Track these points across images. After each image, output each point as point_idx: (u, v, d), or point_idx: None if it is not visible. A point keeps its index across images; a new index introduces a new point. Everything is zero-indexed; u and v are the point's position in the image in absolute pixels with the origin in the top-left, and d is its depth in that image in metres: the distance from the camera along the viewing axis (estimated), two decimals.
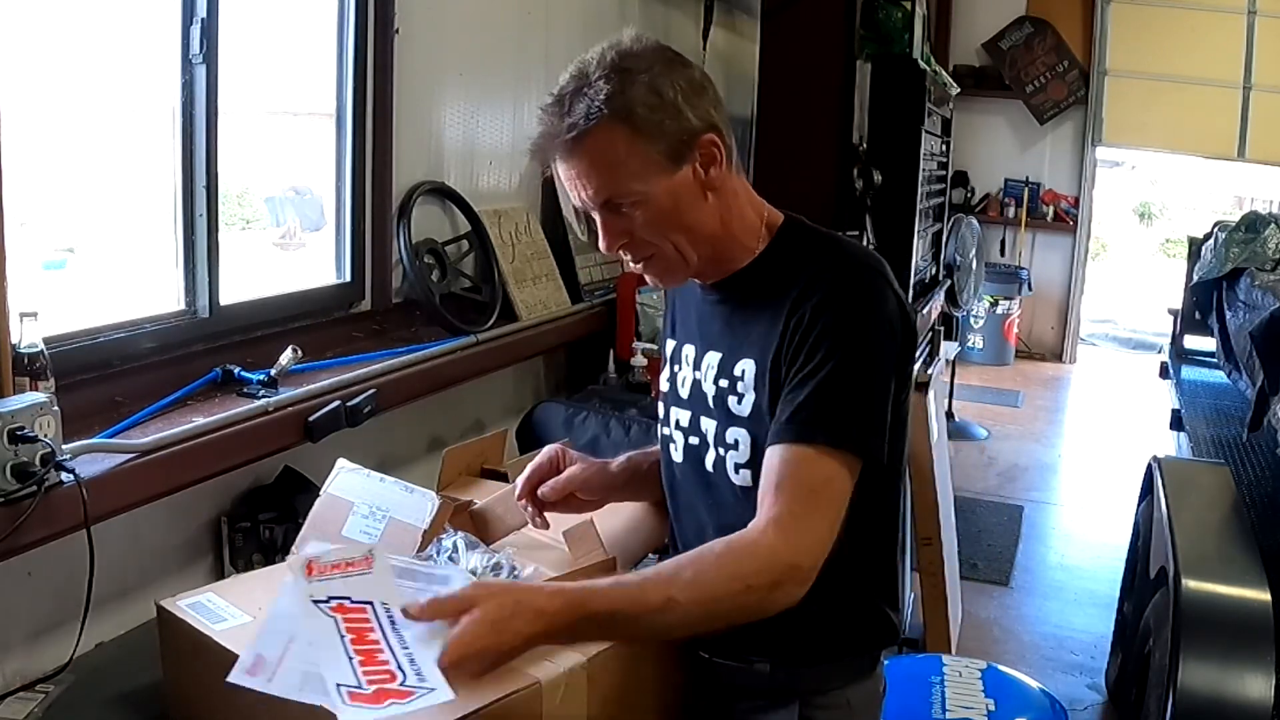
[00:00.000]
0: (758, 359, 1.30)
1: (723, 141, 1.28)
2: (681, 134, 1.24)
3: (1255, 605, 2.23)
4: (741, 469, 1.32)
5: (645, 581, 1.16)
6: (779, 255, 1.34)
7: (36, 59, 1.78)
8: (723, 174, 1.28)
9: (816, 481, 1.21)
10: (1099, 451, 5.89)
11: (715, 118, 1.27)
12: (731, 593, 1.16)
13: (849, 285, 1.27)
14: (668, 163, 1.25)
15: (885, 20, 4.37)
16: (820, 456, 1.21)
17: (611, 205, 1.27)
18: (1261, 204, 8.07)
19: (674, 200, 1.26)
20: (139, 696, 1.46)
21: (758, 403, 1.29)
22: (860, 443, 1.22)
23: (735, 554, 1.18)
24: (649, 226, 1.28)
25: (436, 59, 2.60)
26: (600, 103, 1.21)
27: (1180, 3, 7.26)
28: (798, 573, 1.18)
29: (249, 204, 2.50)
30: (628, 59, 1.24)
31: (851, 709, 1.39)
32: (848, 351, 1.23)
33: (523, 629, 1.08)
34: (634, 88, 1.22)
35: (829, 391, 1.22)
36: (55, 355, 1.58)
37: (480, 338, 2.53)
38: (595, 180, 1.25)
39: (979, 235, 5.83)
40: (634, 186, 1.25)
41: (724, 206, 1.31)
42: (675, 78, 1.24)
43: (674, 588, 1.14)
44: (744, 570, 1.17)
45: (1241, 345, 3.60)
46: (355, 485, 1.36)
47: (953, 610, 3.18)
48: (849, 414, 1.22)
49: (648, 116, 1.22)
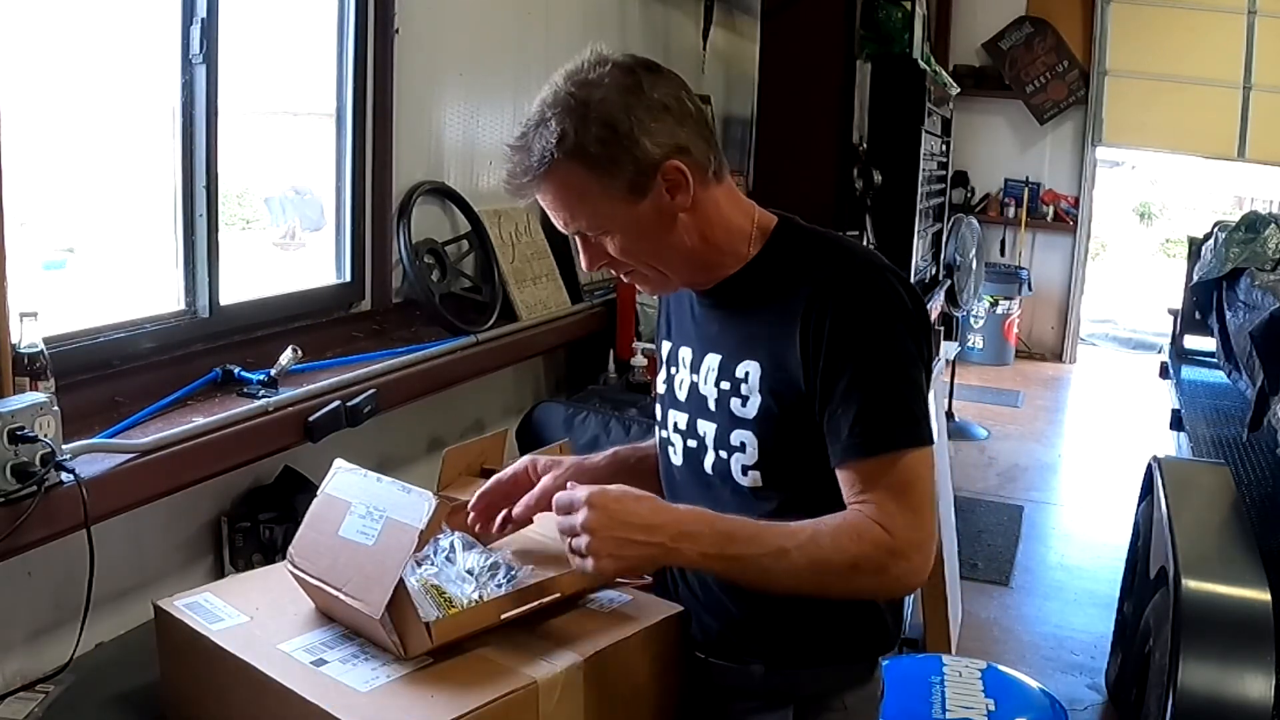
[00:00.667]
0: (764, 362, 1.30)
1: (691, 163, 1.26)
2: (640, 165, 1.23)
3: (1255, 605, 2.23)
4: (750, 470, 1.32)
5: (765, 528, 1.23)
6: (775, 258, 1.33)
7: (36, 59, 1.77)
8: (694, 194, 1.27)
9: (900, 482, 1.23)
10: (1099, 451, 5.89)
11: (681, 137, 1.25)
12: (838, 568, 1.22)
13: (860, 291, 1.27)
14: (630, 195, 1.25)
15: (885, 20, 4.38)
16: (895, 460, 1.23)
17: (583, 234, 1.30)
18: (1261, 204, 8.07)
19: (641, 228, 1.28)
20: (139, 696, 1.46)
21: (765, 405, 1.29)
22: (922, 433, 1.25)
23: (848, 532, 1.22)
24: (623, 252, 1.30)
25: (436, 59, 2.60)
26: (553, 145, 1.22)
27: (1180, 3, 7.26)
28: (905, 562, 1.22)
29: (249, 204, 2.50)
30: (583, 90, 1.23)
31: (847, 711, 1.39)
32: (878, 357, 1.24)
33: (646, 515, 1.20)
34: (586, 125, 1.21)
35: (879, 399, 1.24)
36: (55, 355, 1.57)
37: (480, 338, 2.53)
38: (563, 213, 1.29)
39: (979, 235, 5.83)
40: (600, 220, 1.27)
41: (701, 221, 1.30)
42: (632, 106, 1.23)
43: (791, 541, 1.21)
44: (853, 550, 1.21)
45: (1241, 345, 3.60)
46: (352, 485, 1.35)
47: (953, 610, 3.18)
48: (899, 415, 1.24)
49: (601, 153, 1.22)
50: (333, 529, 1.32)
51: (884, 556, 1.22)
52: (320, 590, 1.31)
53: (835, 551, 1.21)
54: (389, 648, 1.25)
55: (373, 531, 1.27)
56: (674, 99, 1.27)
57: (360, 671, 1.22)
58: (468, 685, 1.20)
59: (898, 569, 1.23)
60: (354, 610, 1.25)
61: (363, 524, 1.29)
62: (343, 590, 1.26)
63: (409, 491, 1.29)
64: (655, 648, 1.37)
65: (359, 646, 1.27)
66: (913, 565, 1.23)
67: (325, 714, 1.14)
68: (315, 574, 1.31)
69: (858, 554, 1.22)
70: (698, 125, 1.28)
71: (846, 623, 1.36)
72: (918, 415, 1.25)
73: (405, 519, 1.25)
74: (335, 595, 1.27)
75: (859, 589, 1.28)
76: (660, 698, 1.39)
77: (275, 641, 1.28)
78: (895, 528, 1.22)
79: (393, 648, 1.24)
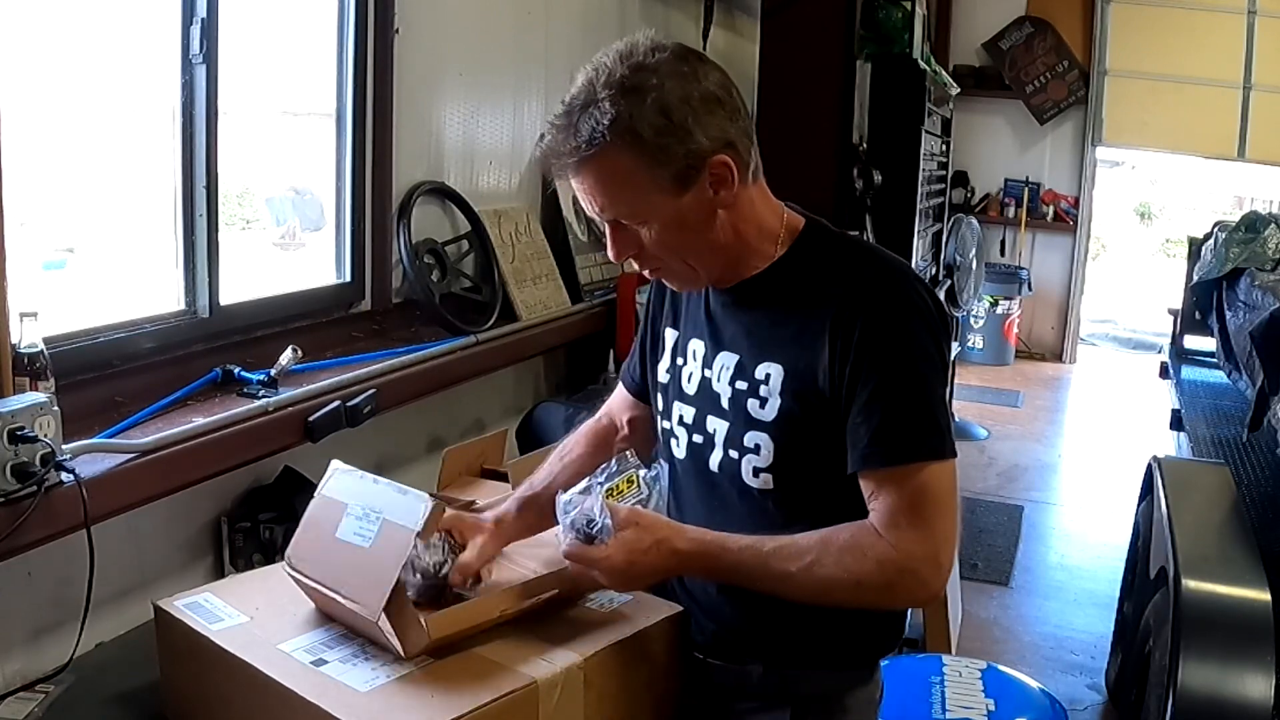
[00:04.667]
0: (787, 365, 1.29)
1: (737, 158, 1.24)
2: (690, 157, 1.21)
3: (1255, 605, 2.23)
4: (762, 473, 1.31)
5: (774, 552, 1.24)
6: (802, 260, 1.32)
7: (37, 59, 1.77)
8: (736, 190, 1.25)
9: (916, 494, 1.22)
10: (1099, 451, 5.89)
11: (730, 132, 1.23)
12: (844, 585, 1.23)
13: (895, 299, 1.26)
14: (675, 186, 1.22)
15: (885, 20, 4.38)
16: (914, 472, 1.22)
17: (619, 222, 1.27)
18: (1261, 204, 8.07)
19: (682, 222, 1.25)
20: (139, 697, 1.46)
21: (786, 408, 1.28)
22: (943, 446, 1.24)
23: (853, 550, 1.22)
24: (657, 245, 1.27)
25: (436, 59, 2.60)
26: (605, 126, 1.18)
27: (1180, 3, 7.25)
28: (914, 575, 1.22)
29: (249, 204, 2.50)
30: (639, 74, 1.19)
31: (845, 713, 1.39)
32: (905, 365, 1.24)
33: (657, 563, 1.25)
34: (641, 110, 1.18)
35: (902, 409, 1.23)
36: (55, 355, 1.57)
37: (480, 338, 2.53)
38: (601, 199, 1.25)
39: (979, 235, 5.82)
40: (640, 209, 1.24)
41: (738, 218, 1.28)
42: (688, 93, 1.20)
43: (796, 564, 1.23)
44: (858, 569, 1.22)
45: (1241, 345, 3.59)
46: (349, 487, 1.35)
47: (953, 610, 3.17)
48: (923, 424, 1.24)
49: (654, 140, 1.19)
50: (330, 531, 1.32)
51: (890, 574, 1.21)
52: (318, 592, 1.31)
53: (839, 570, 1.22)
54: (388, 648, 1.25)
55: (369, 533, 1.27)
56: (725, 91, 1.24)
57: (360, 671, 1.22)
58: (468, 685, 1.20)
59: (904, 585, 1.22)
60: (353, 612, 1.25)
61: (359, 526, 1.29)
62: (340, 592, 1.26)
63: (405, 493, 1.29)
64: (655, 648, 1.37)
65: (359, 646, 1.27)
66: (921, 579, 1.22)
67: (325, 714, 1.14)
68: (313, 576, 1.31)
69: (861, 572, 1.21)
70: (745, 121, 1.27)
71: (846, 626, 1.35)
72: (941, 427, 1.24)
73: (402, 521, 1.25)
74: (333, 597, 1.27)
75: (869, 603, 1.28)
76: (659, 698, 1.39)
77: (275, 641, 1.28)
78: (902, 542, 1.21)
79: (392, 648, 1.24)
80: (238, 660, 1.24)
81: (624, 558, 1.23)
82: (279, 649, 1.26)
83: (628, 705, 1.34)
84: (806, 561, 1.22)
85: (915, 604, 1.24)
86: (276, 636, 1.29)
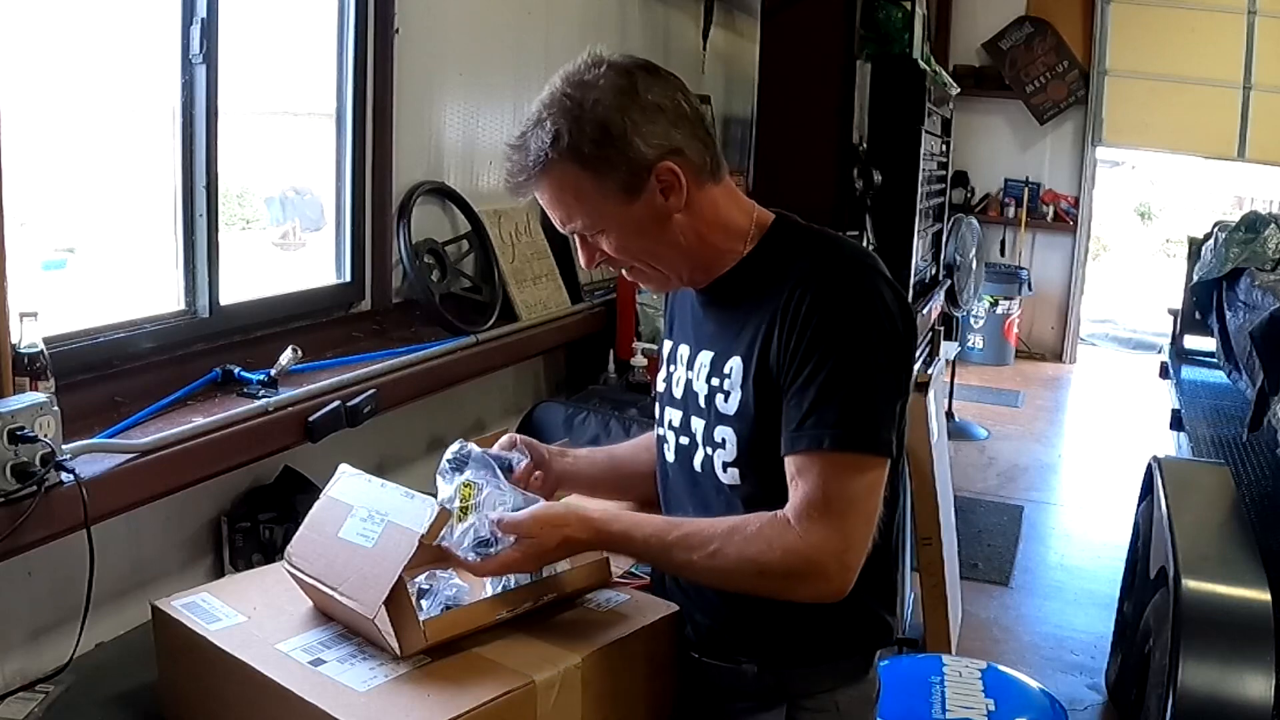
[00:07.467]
0: (744, 356, 1.30)
1: (685, 164, 1.26)
2: (633, 166, 1.24)
3: (1255, 605, 2.23)
4: (729, 467, 1.32)
5: (678, 540, 1.27)
6: (766, 254, 1.34)
7: (37, 59, 1.77)
8: (688, 195, 1.28)
9: (833, 486, 1.21)
10: (1099, 451, 5.89)
11: (675, 139, 1.26)
12: (745, 574, 1.24)
13: (841, 283, 1.26)
14: (624, 195, 1.26)
15: (885, 20, 4.37)
16: (835, 461, 1.21)
17: (579, 233, 1.31)
18: (1261, 204, 8.06)
19: (637, 228, 1.29)
20: (139, 696, 1.46)
21: (744, 400, 1.29)
22: (873, 442, 1.23)
23: (759, 540, 1.22)
24: (619, 250, 1.31)
25: (436, 59, 2.60)
26: (548, 144, 1.23)
27: (1180, 3, 7.25)
28: (818, 569, 1.21)
29: (249, 204, 2.50)
30: (578, 90, 1.24)
31: (840, 713, 1.38)
32: (847, 350, 1.22)
33: (566, 554, 1.33)
34: (580, 125, 1.23)
35: (834, 395, 1.22)
36: (55, 355, 1.58)
37: (480, 338, 2.53)
38: (559, 212, 1.30)
39: (979, 235, 5.82)
40: (595, 219, 1.29)
41: (698, 221, 1.31)
42: (627, 107, 1.24)
43: (698, 553, 1.25)
44: (761, 559, 1.22)
45: (1241, 345, 3.60)
46: (356, 489, 1.36)
47: (953, 610, 3.18)
48: (856, 414, 1.22)
49: (595, 153, 1.23)
50: (333, 530, 1.32)
51: (793, 564, 1.21)
52: (317, 589, 1.31)
53: (740, 560, 1.23)
54: (385, 647, 1.25)
55: (372, 534, 1.27)
56: (669, 100, 1.27)
57: (358, 671, 1.22)
58: (466, 685, 1.20)
59: (807, 578, 1.22)
60: (350, 610, 1.25)
61: (363, 526, 1.29)
62: (339, 590, 1.26)
63: (412, 497, 1.29)
64: (652, 647, 1.37)
65: (357, 646, 1.27)
66: (826, 574, 1.21)
67: (323, 713, 1.14)
68: (312, 573, 1.31)
69: (764, 562, 1.21)
70: (693, 126, 1.29)
71: (838, 620, 1.34)
72: (875, 423, 1.23)
73: (406, 523, 1.25)
74: (331, 594, 1.27)
75: (771, 592, 1.26)
76: (657, 697, 1.39)
77: (273, 641, 1.28)
78: (811, 534, 1.20)
79: (389, 647, 1.24)
80: (235, 660, 1.24)
81: (535, 561, 1.31)
82: (277, 649, 1.26)
83: (625, 705, 1.34)
84: (709, 550, 1.24)
85: (818, 598, 1.22)
86: (274, 636, 1.29)
